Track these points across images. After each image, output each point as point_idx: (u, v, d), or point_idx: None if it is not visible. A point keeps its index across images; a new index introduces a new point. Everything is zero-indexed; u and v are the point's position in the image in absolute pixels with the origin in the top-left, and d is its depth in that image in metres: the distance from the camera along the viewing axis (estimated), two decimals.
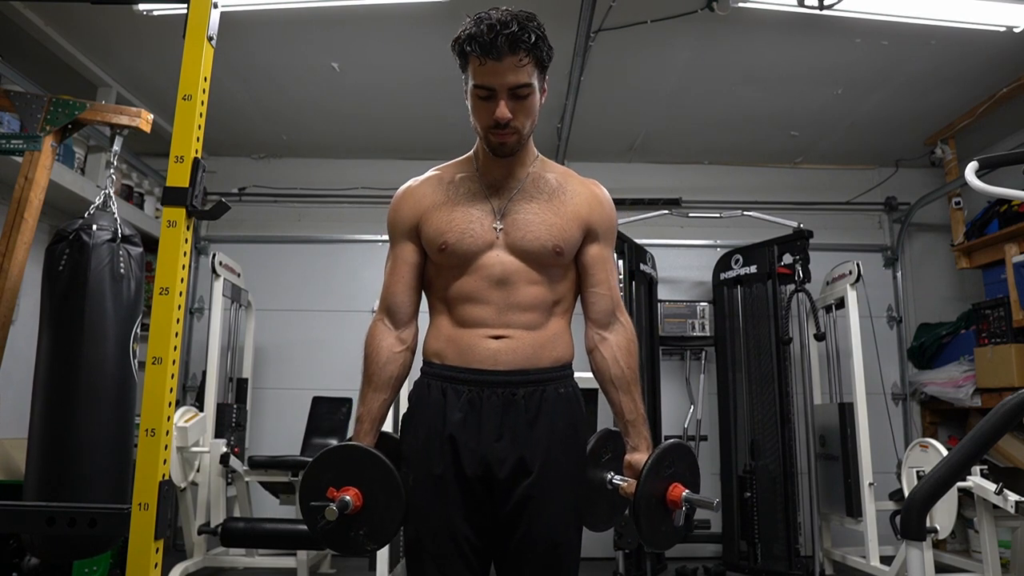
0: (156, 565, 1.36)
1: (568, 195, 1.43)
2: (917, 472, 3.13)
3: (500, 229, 1.39)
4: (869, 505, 3.47)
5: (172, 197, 1.45)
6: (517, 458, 1.34)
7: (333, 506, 1.26)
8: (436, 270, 1.45)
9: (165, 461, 1.40)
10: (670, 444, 1.39)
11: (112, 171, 2.14)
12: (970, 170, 1.55)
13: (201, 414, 3.41)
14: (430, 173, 1.50)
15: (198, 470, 3.41)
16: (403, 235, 1.46)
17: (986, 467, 2.96)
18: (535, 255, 1.38)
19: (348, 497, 1.28)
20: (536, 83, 1.35)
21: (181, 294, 1.44)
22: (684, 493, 1.33)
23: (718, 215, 4.49)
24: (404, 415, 1.46)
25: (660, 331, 4.23)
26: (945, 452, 2.95)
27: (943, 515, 2.96)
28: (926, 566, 2.68)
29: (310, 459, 1.38)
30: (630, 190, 4.75)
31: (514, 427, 1.35)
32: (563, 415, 1.40)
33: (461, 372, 1.37)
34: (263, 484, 3.60)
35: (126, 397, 1.96)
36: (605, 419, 4.01)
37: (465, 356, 1.38)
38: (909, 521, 1.38)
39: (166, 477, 1.39)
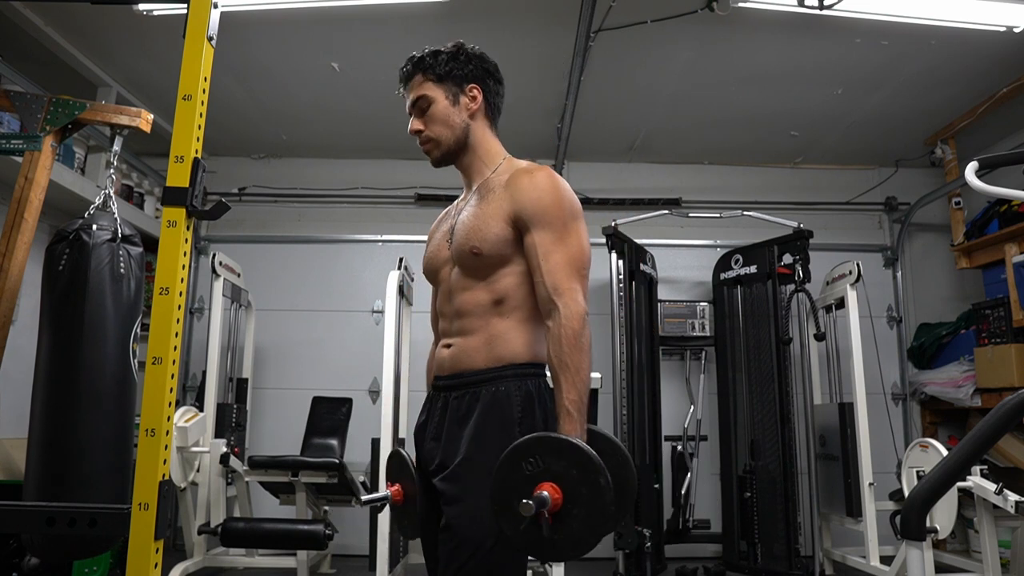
0: (156, 565, 1.36)
1: (498, 191, 1.43)
2: (917, 472, 3.13)
3: (451, 245, 1.49)
4: (869, 505, 3.47)
5: (172, 197, 1.45)
6: (442, 455, 1.41)
7: (363, 496, 1.53)
8: None
9: (165, 461, 1.39)
10: (531, 437, 1.24)
11: (112, 171, 2.14)
12: (970, 170, 1.55)
13: (201, 414, 3.41)
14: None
15: (198, 470, 3.41)
16: None
17: (986, 467, 2.96)
18: (461, 260, 1.45)
19: (389, 492, 1.52)
20: (436, 94, 1.50)
21: (181, 294, 1.44)
22: (537, 494, 1.16)
23: (718, 215, 4.49)
24: None
25: (660, 331, 4.23)
26: (945, 452, 2.95)
27: (943, 515, 2.96)
28: (926, 566, 2.68)
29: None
30: (630, 190, 4.75)
31: (447, 428, 1.42)
32: (491, 415, 1.36)
33: (433, 380, 1.52)
34: (263, 484, 3.59)
35: (126, 397, 1.96)
36: (605, 416, 4.02)
37: (436, 365, 1.52)
38: (909, 521, 1.38)
39: (166, 477, 1.39)
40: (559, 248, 1.37)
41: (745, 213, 4.29)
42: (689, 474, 3.98)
